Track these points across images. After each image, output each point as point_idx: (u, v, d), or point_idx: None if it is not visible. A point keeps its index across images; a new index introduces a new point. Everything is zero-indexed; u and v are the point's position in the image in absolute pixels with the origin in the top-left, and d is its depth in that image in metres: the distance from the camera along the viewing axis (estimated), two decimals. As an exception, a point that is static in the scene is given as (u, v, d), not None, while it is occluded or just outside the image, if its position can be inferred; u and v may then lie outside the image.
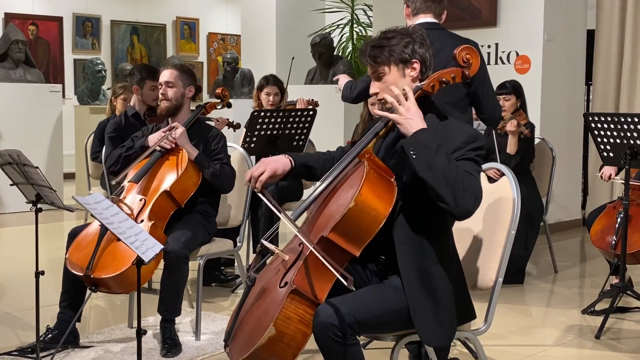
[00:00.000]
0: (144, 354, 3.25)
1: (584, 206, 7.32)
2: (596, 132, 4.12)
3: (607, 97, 6.81)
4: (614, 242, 4.17)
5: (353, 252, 2.24)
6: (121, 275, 3.19)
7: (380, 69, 2.36)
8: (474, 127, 4.51)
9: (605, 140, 4.10)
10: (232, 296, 4.58)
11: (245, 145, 4.55)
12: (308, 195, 2.35)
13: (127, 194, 3.58)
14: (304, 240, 2.23)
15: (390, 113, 2.28)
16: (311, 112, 4.88)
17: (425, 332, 2.29)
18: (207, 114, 4.00)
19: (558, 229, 6.67)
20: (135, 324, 2.80)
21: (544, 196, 5.22)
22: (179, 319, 3.66)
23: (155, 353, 3.47)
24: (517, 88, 5.06)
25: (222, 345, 2.49)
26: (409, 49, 2.35)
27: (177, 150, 3.62)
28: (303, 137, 4.91)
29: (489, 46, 6.67)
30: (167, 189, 3.51)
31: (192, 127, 3.73)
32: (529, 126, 4.96)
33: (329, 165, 2.48)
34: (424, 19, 3.60)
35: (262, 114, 4.67)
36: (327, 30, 8.99)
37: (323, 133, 6.57)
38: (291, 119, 4.74)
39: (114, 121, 4.78)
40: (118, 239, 2.68)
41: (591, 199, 7.00)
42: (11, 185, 3.38)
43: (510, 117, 4.88)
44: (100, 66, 8.84)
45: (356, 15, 9.42)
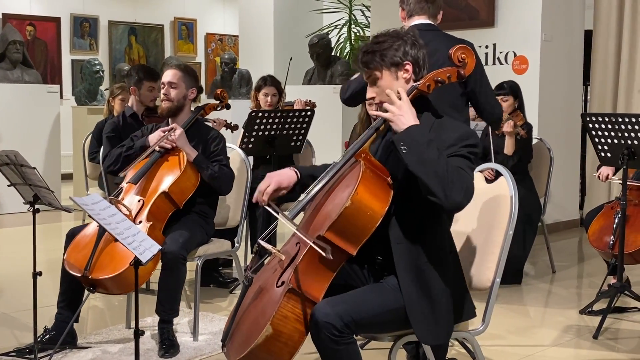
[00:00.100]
0: (142, 355, 3.25)
1: (581, 206, 7.32)
2: (594, 133, 4.13)
3: (604, 97, 6.81)
4: (611, 242, 4.18)
5: (350, 251, 2.25)
6: (119, 276, 3.18)
7: (374, 74, 2.39)
8: (472, 127, 4.52)
9: (602, 140, 4.10)
10: (230, 297, 4.58)
11: (243, 146, 4.56)
12: (305, 195, 2.36)
13: (125, 195, 3.58)
14: (304, 237, 2.24)
15: (384, 112, 2.30)
16: (309, 113, 4.88)
17: (422, 331, 2.30)
18: (206, 116, 4.01)
19: (556, 229, 6.68)
20: (133, 324, 2.80)
21: (542, 196, 5.22)
22: (176, 320, 3.66)
23: (153, 354, 3.47)
24: (514, 89, 5.06)
25: (220, 345, 2.49)
26: (400, 52, 2.37)
27: (176, 151, 3.61)
28: (301, 137, 4.92)
29: (486, 47, 6.67)
30: (165, 190, 3.51)
31: (191, 129, 3.73)
32: (527, 127, 4.96)
33: None
34: (419, 20, 3.60)
35: (260, 114, 4.67)
36: (325, 31, 9.00)
37: (321, 134, 6.57)
38: (289, 120, 4.75)
39: (112, 121, 4.76)
40: (116, 240, 2.67)
41: (589, 199, 6.99)
42: (9, 186, 3.37)
43: (507, 118, 4.88)
44: (98, 67, 8.82)
45: (354, 15, 9.43)
